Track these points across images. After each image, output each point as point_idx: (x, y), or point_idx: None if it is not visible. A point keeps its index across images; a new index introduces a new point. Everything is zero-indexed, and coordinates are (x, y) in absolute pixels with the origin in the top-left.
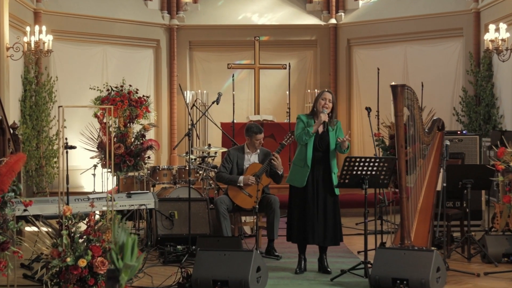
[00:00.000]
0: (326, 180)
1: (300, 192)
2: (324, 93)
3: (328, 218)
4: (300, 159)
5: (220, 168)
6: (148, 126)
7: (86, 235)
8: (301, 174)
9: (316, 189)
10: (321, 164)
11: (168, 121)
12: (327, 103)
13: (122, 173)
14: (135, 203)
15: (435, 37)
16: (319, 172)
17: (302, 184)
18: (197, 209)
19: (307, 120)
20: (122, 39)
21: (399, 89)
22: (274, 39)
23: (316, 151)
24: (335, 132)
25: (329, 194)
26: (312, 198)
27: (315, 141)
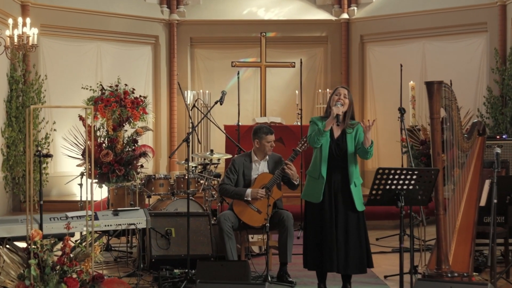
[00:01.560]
0: (346, 193)
1: (316, 209)
2: (338, 89)
3: (351, 240)
4: (315, 170)
5: (224, 179)
6: (141, 130)
7: (60, 264)
8: (316, 187)
9: (335, 205)
10: (339, 175)
11: (167, 124)
12: (342, 98)
13: (111, 184)
14: (123, 222)
15: (456, 32)
16: (337, 184)
17: (318, 199)
18: (198, 226)
19: (322, 122)
20: (118, 35)
21: (436, 86)
22: (282, 36)
23: (332, 160)
24: (355, 135)
25: (351, 210)
26: (329, 216)
27: (331, 147)
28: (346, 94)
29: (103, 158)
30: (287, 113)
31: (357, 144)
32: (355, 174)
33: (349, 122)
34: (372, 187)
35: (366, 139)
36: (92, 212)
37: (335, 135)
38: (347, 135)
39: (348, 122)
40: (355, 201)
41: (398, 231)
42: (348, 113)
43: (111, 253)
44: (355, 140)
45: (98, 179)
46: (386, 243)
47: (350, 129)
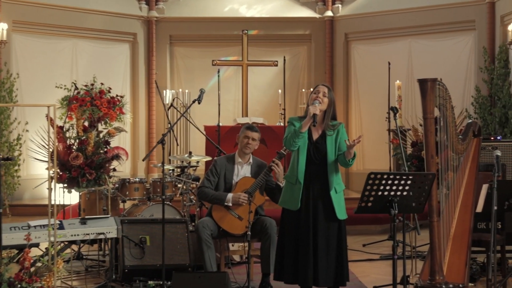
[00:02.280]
0: (325, 201)
1: (293, 217)
2: (318, 86)
3: (331, 251)
4: (292, 174)
5: (204, 182)
6: (114, 131)
7: (18, 280)
8: (293, 193)
9: (313, 213)
10: (318, 180)
11: (146, 125)
12: (320, 97)
13: (80, 189)
14: (91, 232)
15: (443, 30)
16: (316, 191)
17: (295, 207)
18: (174, 233)
19: (300, 123)
20: (94, 32)
21: (429, 84)
22: (264, 33)
23: (310, 164)
24: (336, 137)
25: (331, 219)
26: (306, 225)
27: (309, 150)
28: (326, 93)
29: (73, 161)
30: (269, 114)
31: (339, 149)
32: (336, 179)
33: (329, 123)
34: (363, 194)
35: (349, 153)
36: (54, 221)
37: (313, 137)
38: (327, 137)
39: (328, 122)
40: (335, 209)
41: (385, 237)
42: (328, 113)
43: (82, 262)
44: (335, 142)
45: (67, 183)
46: (374, 249)
47: (331, 130)
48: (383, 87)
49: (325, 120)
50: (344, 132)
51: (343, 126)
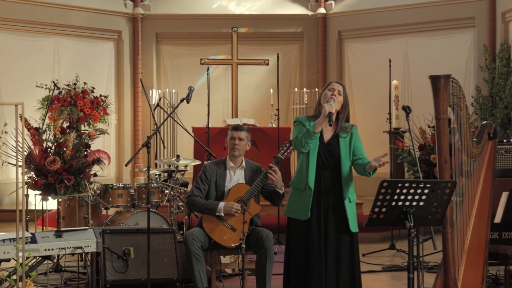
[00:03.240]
0: (338, 211)
1: (303, 227)
2: (332, 83)
3: (342, 267)
4: (300, 180)
5: (193, 190)
6: (94, 133)
7: None
8: (303, 201)
9: (325, 223)
10: (330, 187)
11: (131, 126)
12: (335, 94)
13: (58, 196)
14: (67, 246)
15: (441, 28)
16: (327, 198)
17: (305, 216)
18: (161, 244)
19: (309, 122)
20: (77, 29)
21: (442, 81)
22: (254, 31)
23: (322, 168)
24: (350, 140)
25: (344, 231)
26: (318, 237)
27: (320, 153)
28: (341, 91)
29: (49, 165)
30: (260, 115)
31: (353, 153)
32: (350, 187)
33: (343, 125)
34: (374, 204)
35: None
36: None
37: (325, 138)
38: (340, 139)
39: (342, 124)
40: (349, 220)
41: (386, 245)
42: (342, 113)
43: (61, 274)
44: (349, 146)
45: (43, 190)
46: (375, 259)
47: (344, 133)
48: (378, 87)
49: (340, 121)
50: (358, 135)
51: (356, 129)
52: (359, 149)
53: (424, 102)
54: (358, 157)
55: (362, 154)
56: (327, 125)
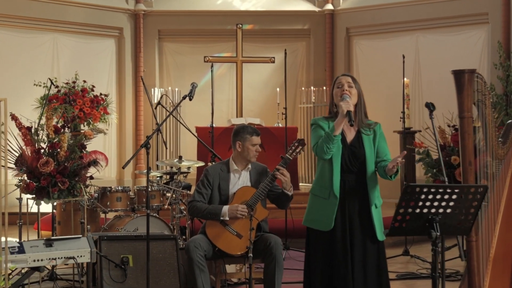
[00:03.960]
0: (364, 218)
1: (325, 239)
2: (339, 78)
3: (370, 280)
4: (323, 187)
5: (194, 195)
6: (90, 132)
7: None
8: (326, 210)
9: (351, 233)
10: (356, 193)
11: (133, 126)
12: (347, 89)
13: (51, 200)
14: (58, 256)
15: (453, 24)
16: (353, 205)
17: (328, 226)
18: (162, 252)
19: (328, 123)
20: (77, 26)
21: (467, 76)
22: (260, 28)
23: (346, 172)
24: (373, 138)
25: (370, 240)
26: (342, 248)
27: (344, 156)
28: (351, 82)
29: (42, 167)
30: (266, 114)
31: (377, 154)
32: (376, 192)
33: (364, 119)
34: (397, 211)
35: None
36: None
37: (347, 139)
38: (364, 137)
39: (362, 118)
40: (376, 228)
41: (399, 251)
42: (359, 107)
43: (55, 283)
44: (374, 144)
45: (35, 194)
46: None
47: (367, 129)
48: (388, 85)
49: (358, 113)
50: (383, 134)
51: (380, 127)
52: (383, 149)
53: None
54: (382, 159)
55: (387, 156)
56: (347, 124)
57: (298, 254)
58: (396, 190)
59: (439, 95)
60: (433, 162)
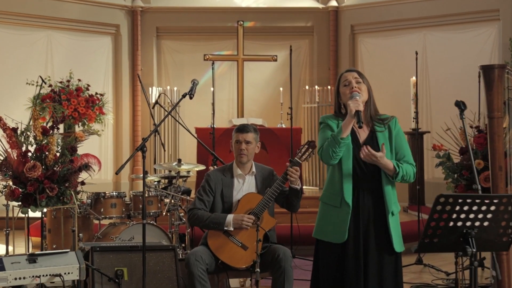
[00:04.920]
0: (380, 227)
1: (337, 252)
2: (343, 75)
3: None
4: (333, 194)
5: (195, 202)
6: (82, 134)
7: None
8: (338, 220)
9: (365, 244)
10: (370, 199)
11: (130, 127)
12: (355, 86)
13: (39, 208)
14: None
15: (462, 21)
16: (367, 213)
17: (340, 238)
18: (159, 263)
19: (338, 122)
20: (72, 23)
21: (497, 72)
22: (261, 25)
23: (359, 176)
24: (389, 135)
25: (387, 251)
26: (355, 261)
27: (355, 158)
28: (358, 77)
29: (29, 172)
30: (268, 114)
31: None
32: (393, 197)
33: (375, 115)
34: (427, 225)
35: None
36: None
37: (360, 138)
38: (378, 135)
39: (372, 114)
40: (393, 238)
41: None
42: (368, 103)
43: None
44: (390, 142)
45: (21, 201)
46: None
47: (381, 125)
48: (395, 84)
49: (368, 113)
50: (401, 130)
51: (397, 121)
52: (401, 148)
53: (444, 101)
54: (401, 159)
55: (407, 156)
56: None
57: (304, 262)
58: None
59: (447, 94)
60: (455, 166)
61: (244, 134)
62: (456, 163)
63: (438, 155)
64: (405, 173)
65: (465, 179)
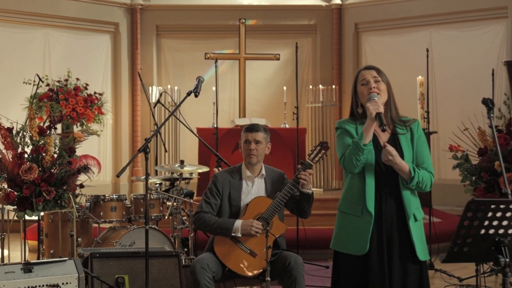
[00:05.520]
0: (401, 235)
1: (359, 263)
2: (361, 74)
3: None
4: (353, 203)
5: (202, 205)
6: (81, 134)
7: None
8: (358, 230)
9: (389, 254)
10: (392, 205)
11: (129, 127)
12: (374, 86)
13: (35, 213)
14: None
15: (469, 19)
16: (389, 221)
17: (362, 250)
18: (162, 270)
19: (356, 127)
20: (70, 21)
21: None
22: (264, 24)
23: (382, 182)
24: (412, 139)
25: (411, 260)
26: (380, 274)
27: (378, 164)
28: (377, 76)
29: (24, 175)
30: (270, 114)
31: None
32: (414, 201)
33: (396, 116)
34: (457, 233)
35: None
36: None
37: (381, 142)
38: (401, 137)
39: (394, 116)
40: (415, 246)
41: None
42: (388, 103)
43: None
44: (412, 146)
45: (16, 205)
46: None
47: (403, 127)
48: (400, 84)
49: (388, 114)
50: (423, 134)
51: (419, 125)
52: (422, 153)
53: (450, 101)
54: (420, 166)
55: (426, 162)
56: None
57: (311, 268)
58: None
59: (454, 94)
60: (473, 168)
61: (254, 133)
62: (475, 164)
63: (456, 156)
64: (421, 180)
65: (484, 182)
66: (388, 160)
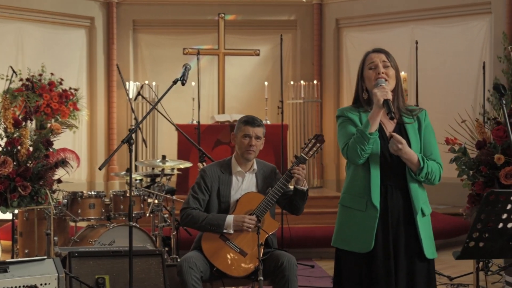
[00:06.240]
0: (409, 230)
1: (363, 261)
2: (369, 57)
3: None
4: (357, 196)
5: (189, 201)
6: (59, 126)
7: None
8: (363, 225)
9: (395, 251)
10: (398, 200)
11: (105, 123)
12: (382, 72)
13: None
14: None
15: (452, 14)
16: (396, 216)
17: (367, 247)
18: (145, 270)
19: (359, 115)
20: (44, 15)
21: None
22: (243, 19)
23: (387, 174)
24: (419, 129)
25: (418, 257)
26: (385, 272)
27: (383, 154)
28: (386, 60)
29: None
30: (249, 111)
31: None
32: (422, 195)
33: (403, 104)
34: (473, 226)
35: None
36: None
37: (386, 131)
38: (408, 127)
39: (401, 104)
40: (422, 243)
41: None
42: (396, 90)
43: None
44: (420, 136)
45: None
46: None
47: (409, 117)
48: None
49: (396, 102)
50: (430, 124)
51: (427, 115)
52: (430, 144)
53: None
54: (428, 157)
55: (434, 153)
56: (385, 116)
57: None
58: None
59: (437, 90)
60: (472, 162)
61: (255, 128)
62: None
63: (453, 149)
64: (430, 171)
65: (483, 175)
66: (398, 149)
